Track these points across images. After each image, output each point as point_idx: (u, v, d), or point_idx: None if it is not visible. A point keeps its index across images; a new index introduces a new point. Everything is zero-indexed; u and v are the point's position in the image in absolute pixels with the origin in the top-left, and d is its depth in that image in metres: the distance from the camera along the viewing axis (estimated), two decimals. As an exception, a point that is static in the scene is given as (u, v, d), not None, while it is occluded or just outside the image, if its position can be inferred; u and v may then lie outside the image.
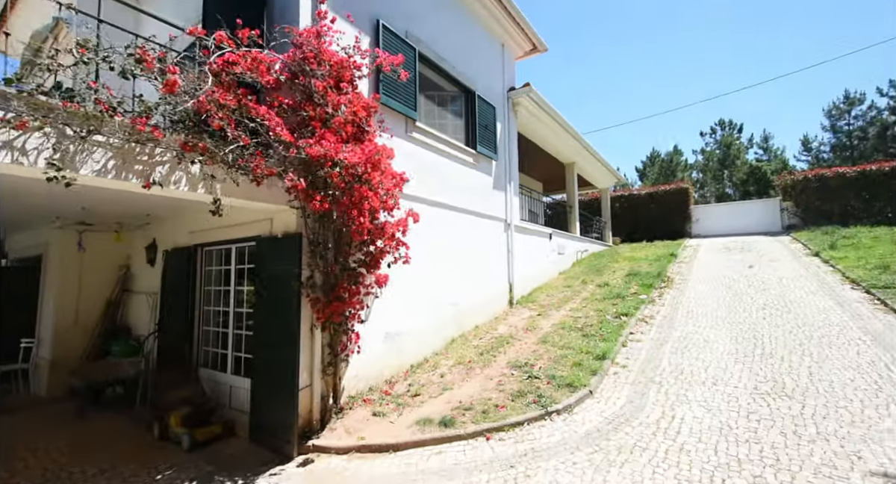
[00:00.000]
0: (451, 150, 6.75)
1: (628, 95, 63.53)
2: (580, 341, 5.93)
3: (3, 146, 2.51)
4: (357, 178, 3.88)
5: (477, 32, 7.92)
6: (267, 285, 4.36)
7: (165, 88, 3.03)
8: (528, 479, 3.19)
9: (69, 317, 6.28)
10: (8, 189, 4.22)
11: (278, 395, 4.09)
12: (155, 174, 3.20)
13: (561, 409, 4.21)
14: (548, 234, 10.43)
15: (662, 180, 33.98)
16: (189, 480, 3.54)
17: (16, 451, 4.21)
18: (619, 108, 62.75)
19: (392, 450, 3.85)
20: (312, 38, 4.06)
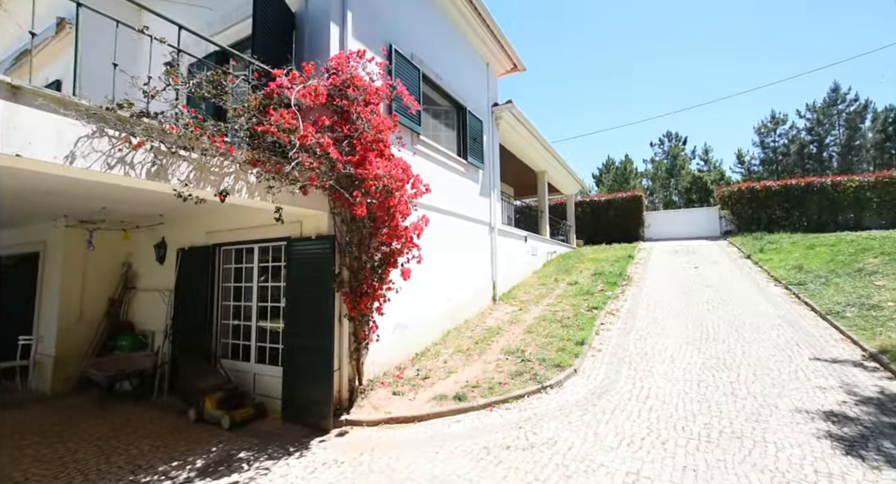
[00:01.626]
0: (446, 160, 7.49)
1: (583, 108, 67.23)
2: (561, 331, 6.85)
3: (118, 162, 2.95)
4: (388, 189, 4.52)
5: (467, 53, 8.72)
6: (301, 281, 4.87)
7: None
8: (535, 435, 3.99)
9: (74, 314, 6.35)
10: (48, 190, 4.47)
11: (313, 377, 4.63)
12: (223, 184, 3.69)
13: (553, 384, 5.06)
14: (523, 236, 11.41)
15: (617, 187, 36.56)
16: (245, 449, 4.03)
17: (61, 436, 4.45)
18: (575, 120, 66.29)
19: (416, 421, 4.53)
20: (344, 65, 4.65)
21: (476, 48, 9.00)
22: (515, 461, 3.51)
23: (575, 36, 64.85)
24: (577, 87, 67.41)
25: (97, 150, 2.87)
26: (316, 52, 5.08)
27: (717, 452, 3.45)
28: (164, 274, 6.40)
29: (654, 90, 61.54)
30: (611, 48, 63.25)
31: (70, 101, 2.73)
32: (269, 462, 3.75)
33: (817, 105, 33.76)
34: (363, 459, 3.75)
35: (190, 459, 3.87)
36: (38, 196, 4.79)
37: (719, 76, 55.97)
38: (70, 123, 2.73)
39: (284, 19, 5.06)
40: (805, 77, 33.33)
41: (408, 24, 6.63)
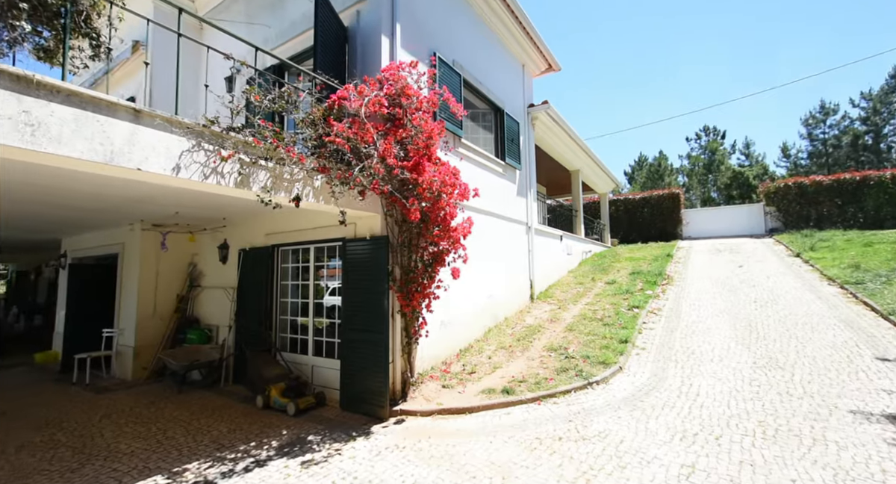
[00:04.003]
0: (485, 162, 7.68)
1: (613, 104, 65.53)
2: (602, 329, 6.90)
3: (212, 172, 3.33)
4: (439, 192, 4.76)
5: (504, 56, 8.87)
6: (357, 279, 5.19)
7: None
8: (585, 428, 4.11)
9: (149, 309, 6.99)
10: (135, 197, 4.99)
11: (369, 369, 4.93)
12: (294, 190, 4.04)
13: (599, 380, 5.16)
14: (559, 235, 11.42)
15: (650, 184, 35.52)
16: (313, 433, 4.37)
17: (150, 418, 4.97)
18: (604, 117, 64.70)
19: (467, 412, 4.74)
20: (395, 75, 4.93)
21: (512, 50, 9.14)
22: (569, 451, 3.66)
23: (605, 30, 63.31)
24: (606, 84, 65.84)
25: (195, 162, 3.26)
26: (368, 64, 5.40)
27: (775, 449, 3.47)
28: (227, 273, 6.92)
29: (690, 83, 59.23)
30: (643, 41, 61.34)
31: (176, 120, 3.12)
32: (338, 444, 4.07)
33: (873, 93, 31.52)
34: (422, 445, 4.00)
35: (265, 440, 4.25)
36: (127, 204, 5.35)
37: (761, 65, 53.26)
38: (176, 139, 3.12)
39: (339, 34, 5.40)
40: (860, 64, 31.23)
41: (449, 32, 6.88)
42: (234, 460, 3.82)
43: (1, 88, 2.28)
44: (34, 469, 3.75)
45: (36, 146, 2.42)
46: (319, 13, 4.95)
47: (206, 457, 3.90)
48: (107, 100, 2.73)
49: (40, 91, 2.43)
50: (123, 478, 3.53)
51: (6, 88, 2.30)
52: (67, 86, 2.53)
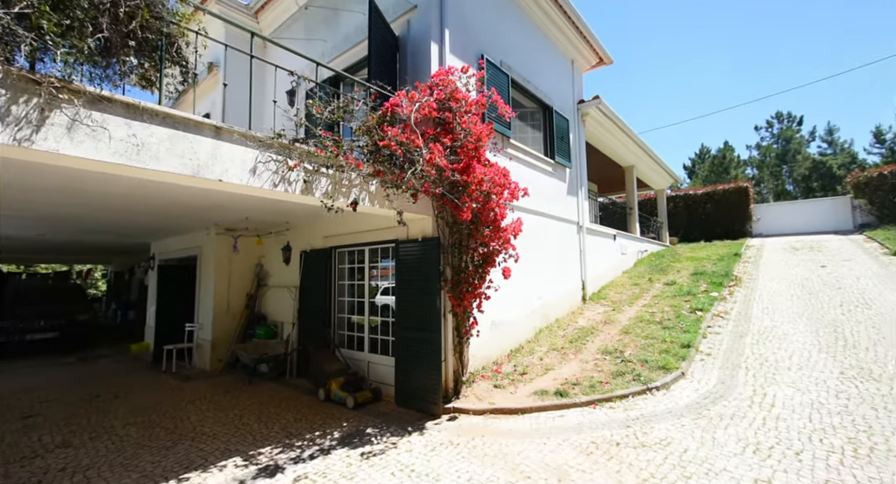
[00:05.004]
0: (534, 161, 7.60)
1: (670, 95, 61.50)
2: (661, 333, 6.56)
3: (281, 180, 3.63)
4: (489, 193, 4.81)
5: (552, 53, 8.71)
6: (410, 279, 5.37)
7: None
8: (645, 434, 3.96)
9: (223, 306, 7.68)
10: (213, 205, 5.51)
11: (423, 367, 5.08)
12: (352, 195, 4.27)
13: (659, 385, 4.93)
14: (612, 235, 10.99)
15: (714, 178, 33.01)
16: (370, 426, 4.60)
17: (227, 405, 5.48)
18: (660, 109, 60.88)
19: (519, 413, 4.74)
20: (445, 80, 5.04)
21: (560, 46, 8.95)
22: (628, 458, 3.55)
23: (657, 14, 59.71)
24: (660, 73, 62.01)
25: (267, 172, 3.56)
26: (418, 70, 5.57)
27: (870, 470, 3.13)
28: (290, 273, 7.43)
29: (758, 66, 54.14)
30: (703, 22, 57.07)
31: (250, 135, 3.43)
32: (394, 438, 4.24)
33: None
34: (475, 443, 4.07)
35: (328, 430, 4.53)
36: (204, 211, 5.93)
37: (844, 42, 47.50)
38: (251, 153, 3.43)
39: (391, 43, 5.62)
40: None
41: (496, 33, 6.89)
42: (300, 447, 4.11)
43: (115, 115, 2.66)
44: (138, 444, 4.28)
45: (140, 163, 2.79)
46: (373, 25, 5.19)
47: (276, 443, 4.24)
48: (194, 120, 3.08)
49: (143, 115, 2.80)
50: (208, 457, 3.94)
51: (119, 115, 2.68)
52: (164, 109, 2.89)
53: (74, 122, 2.52)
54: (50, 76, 2.40)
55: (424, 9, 5.65)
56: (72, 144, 2.52)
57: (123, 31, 2.63)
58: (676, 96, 61.03)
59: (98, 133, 2.62)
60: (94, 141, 2.60)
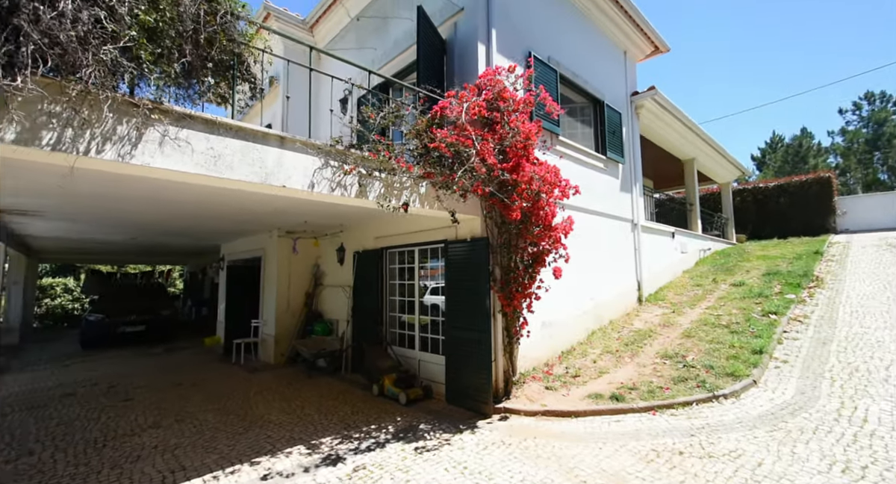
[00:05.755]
0: (585, 158, 7.37)
1: (734, 81, 56.63)
2: (728, 337, 6.10)
3: (337, 185, 3.83)
4: (539, 192, 4.75)
5: (602, 45, 8.40)
6: (459, 279, 5.43)
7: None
8: (711, 444, 3.71)
9: (284, 304, 8.20)
10: (276, 210, 5.90)
11: (473, 366, 5.11)
12: (403, 197, 4.40)
13: (727, 393, 4.59)
14: (670, 232, 10.38)
15: (788, 168, 30.06)
16: (423, 422, 4.72)
17: (289, 396, 5.87)
18: (722, 97, 56.24)
19: (572, 416, 4.63)
20: (492, 80, 5.04)
21: (611, 37, 8.60)
22: (693, 468, 3.36)
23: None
24: (726, 59, 57.33)
25: (325, 178, 3.78)
26: (466, 71, 5.62)
27: None
28: (344, 273, 7.78)
29: (842, 42, 48.38)
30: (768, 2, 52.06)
31: (310, 143, 3.66)
32: (446, 435, 4.32)
33: None
34: (528, 444, 4.03)
35: (383, 424, 4.71)
36: (268, 215, 6.38)
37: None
38: (311, 160, 3.66)
39: (438, 47, 5.72)
40: None
41: (544, 29, 6.77)
42: (358, 439, 4.31)
43: (196, 130, 2.96)
44: (215, 428, 4.71)
45: (217, 173, 3.08)
46: (421, 30, 5.31)
47: (335, 433, 4.47)
48: (262, 131, 3.34)
49: (220, 129, 3.09)
50: (276, 444, 4.24)
51: (199, 130, 2.98)
52: (237, 123, 3.17)
53: (164, 138, 2.84)
54: (145, 99, 2.73)
55: (471, 10, 5.69)
56: (162, 157, 2.84)
57: (203, 55, 2.92)
58: (741, 82, 56.15)
59: (183, 147, 2.93)
60: (180, 154, 2.91)
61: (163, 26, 2.64)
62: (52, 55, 2.18)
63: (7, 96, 2.14)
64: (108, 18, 2.40)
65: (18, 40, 2.05)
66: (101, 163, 2.64)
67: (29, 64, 2.10)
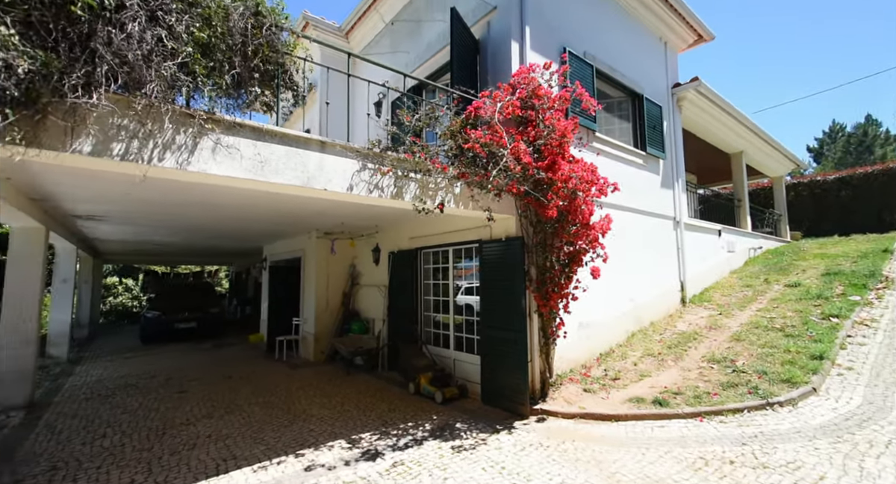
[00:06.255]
0: (623, 154, 7.14)
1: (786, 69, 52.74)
2: (783, 341, 5.72)
3: (374, 187, 3.93)
4: (575, 190, 4.65)
5: (641, 36, 8.10)
6: (494, 279, 5.42)
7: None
8: (766, 455, 3.50)
9: (323, 303, 8.49)
10: (315, 212, 6.12)
11: (509, 366, 5.08)
12: (437, 197, 4.45)
13: (783, 401, 4.31)
14: (716, 230, 9.85)
15: (850, 160, 27.74)
16: (459, 421, 4.75)
17: (329, 392, 6.08)
18: (772, 85, 52.51)
19: (612, 420, 4.51)
20: (526, 78, 4.98)
21: (650, 27, 8.27)
22: (745, 479, 3.18)
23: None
24: (776, 43, 53.58)
25: (362, 180, 3.89)
26: (499, 70, 5.60)
27: None
28: (380, 273, 7.95)
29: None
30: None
31: (349, 147, 3.78)
32: (483, 435, 4.33)
33: None
34: (566, 446, 3.97)
35: (419, 422, 4.78)
36: (309, 217, 6.63)
37: None
38: (349, 162, 3.78)
39: (471, 47, 5.74)
40: None
41: (578, 23, 6.63)
42: (396, 436, 4.39)
43: (245, 138, 3.14)
44: (262, 421, 4.96)
45: (264, 177, 3.25)
46: (454, 31, 5.35)
47: (374, 429, 4.59)
48: (304, 137, 3.49)
49: (266, 136, 3.25)
50: (318, 437, 4.41)
51: (247, 137, 3.16)
52: (281, 130, 3.33)
53: (216, 145, 3.02)
54: (199, 110, 2.92)
55: (504, 9, 5.66)
56: (215, 164, 3.02)
57: (250, 66, 3.09)
58: (794, 70, 52.26)
59: (233, 153, 3.11)
60: (231, 160, 3.09)
61: (215, 41, 2.82)
62: (122, 73, 2.39)
63: (85, 113, 2.37)
64: (168, 37, 2.59)
65: (94, 61, 2.26)
66: (162, 170, 2.85)
67: (103, 82, 2.31)
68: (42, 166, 3.26)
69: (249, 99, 3.21)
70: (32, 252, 5.74)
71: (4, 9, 1.99)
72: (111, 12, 2.34)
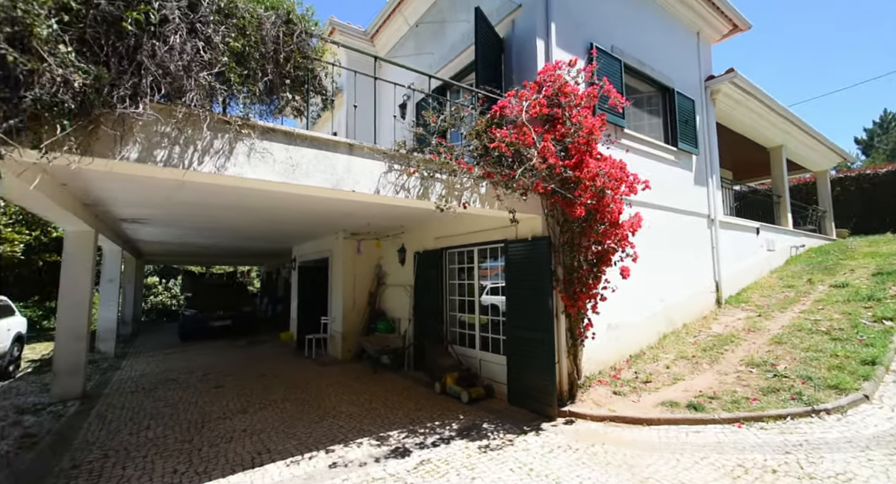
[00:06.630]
0: (653, 150, 6.93)
1: (840, 50, 49.60)
2: (830, 345, 5.40)
3: (401, 188, 3.98)
4: (603, 188, 4.56)
5: (671, 28, 7.84)
6: (520, 279, 5.38)
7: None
8: (812, 465, 3.32)
9: (350, 302, 8.66)
10: (343, 213, 6.24)
11: (536, 367, 5.03)
12: (463, 197, 4.45)
13: (830, 408, 4.07)
14: (754, 228, 9.41)
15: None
16: (486, 421, 4.74)
17: (357, 390, 6.21)
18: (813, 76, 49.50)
19: (644, 423, 4.38)
20: (552, 75, 4.91)
21: (682, 18, 7.99)
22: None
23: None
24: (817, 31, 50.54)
25: (389, 181, 3.94)
26: (524, 68, 5.55)
27: None
28: (405, 273, 8.03)
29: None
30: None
31: (376, 148, 3.84)
32: (510, 436, 4.30)
33: None
34: (596, 450, 3.89)
35: (446, 421, 4.80)
36: (336, 218, 6.78)
37: None
38: (377, 164, 3.84)
39: (496, 46, 5.71)
40: None
41: (605, 17, 6.48)
42: (423, 434, 4.43)
43: (277, 142, 3.25)
44: (293, 416, 5.11)
45: (295, 180, 3.35)
46: (479, 30, 5.34)
47: (401, 427, 4.64)
48: (333, 140, 3.57)
49: (297, 140, 3.35)
50: (347, 434, 4.50)
51: (280, 141, 3.27)
52: (311, 133, 3.42)
53: (251, 150, 3.14)
54: (234, 116, 3.05)
55: (529, 6, 5.60)
56: (250, 168, 3.14)
57: (282, 73, 3.20)
58: (839, 58, 49.15)
59: (266, 157, 3.22)
60: (264, 164, 3.20)
61: (249, 50, 2.93)
62: (165, 84, 2.53)
63: (132, 122, 2.52)
64: (206, 47, 2.71)
65: (140, 73, 2.41)
66: (201, 175, 2.99)
67: (147, 93, 2.45)
68: (93, 173, 3.48)
69: (281, 104, 3.32)
70: (84, 254, 6.14)
71: (63, 28, 2.15)
72: (155, 26, 2.48)
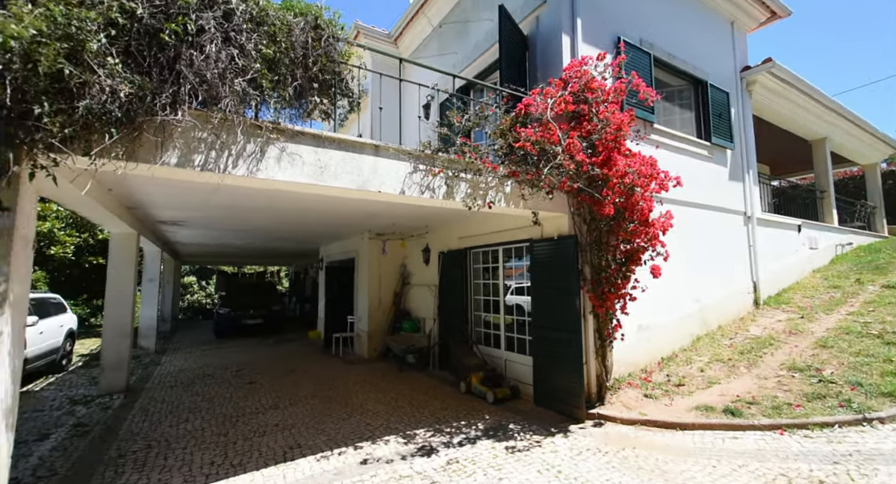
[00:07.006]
0: (685, 146, 6.70)
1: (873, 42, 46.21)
2: (882, 349, 5.07)
3: (426, 188, 4.00)
4: (632, 186, 4.44)
5: (704, 17, 7.54)
6: (546, 279, 5.30)
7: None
8: (864, 477, 3.11)
9: (375, 302, 8.78)
10: (368, 214, 6.33)
11: (563, 368, 4.95)
12: (488, 196, 4.44)
13: (885, 417, 3.82)
14: (795, 225, 8.93)
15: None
16: (512, 422, 4.71)
17: (383, 388, 6.29)
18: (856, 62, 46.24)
19: (678, 428, 4.24)
20: (578, 71, 4.82)
21: (714, 7, 7.67)
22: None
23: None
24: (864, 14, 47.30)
25: (414, 182, 3.97)
26: (549, 65, 5.48)
27: None
28: (430, 272, 8.07)
29: None
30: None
31: (401, 149, 3.88)
32: (537, 437, 4.25)
33: None
34: (626, 453, 3.79)
35: (472, 421, 4.79)
36: (362, 219, 6.89)
37: None
38: (402, 165, 3.88)
39: (520, 44, 5.66)
40: None
41: (632, 9, 6.31)
42: (449, 433, 4.44)
43: (306, 145, 3.33)
44: (322, 413, 5.23)
45: (323, 182, 3.43)
46: (503, 28, 5.30)
47: (427, 426, 4.67)
48: (359, 141, 3.64)
49: (325, 143, 3.43)
50: (375, 431, 4.57)
51: (308, 144, 3.35)
52: (338, 136, 3.49)
53: (282, 153, 3.24)
54: (266, 121, 3.15)
55: (555, 2, 5.51)
56: (280, 171, 3.24)
57: (310, 77, 3.28)
58: (884, 43, 45.74)
59: (296, 160, 3.31)
60: (294, 167, 3.29)
61: (279, 56, 3.02)
62: (202, 91, 2.64)
63: (171, 128, 2.64)
64: (239, 55, 2.82)
65: (179, 82, 2.53)
66: (235, 178, 3.10)
67: (186, 100, 2.57)
68: (136, 178, 3.68)
69: (309, 108, 3.40)
70: (127, 254, 6.49)
71: (111, 41, 2.29)
72: (193, 36, 2.59)
